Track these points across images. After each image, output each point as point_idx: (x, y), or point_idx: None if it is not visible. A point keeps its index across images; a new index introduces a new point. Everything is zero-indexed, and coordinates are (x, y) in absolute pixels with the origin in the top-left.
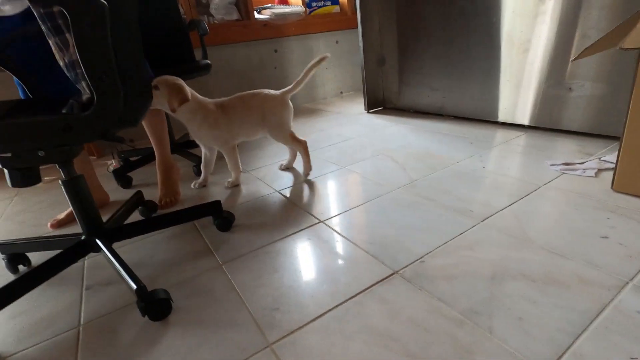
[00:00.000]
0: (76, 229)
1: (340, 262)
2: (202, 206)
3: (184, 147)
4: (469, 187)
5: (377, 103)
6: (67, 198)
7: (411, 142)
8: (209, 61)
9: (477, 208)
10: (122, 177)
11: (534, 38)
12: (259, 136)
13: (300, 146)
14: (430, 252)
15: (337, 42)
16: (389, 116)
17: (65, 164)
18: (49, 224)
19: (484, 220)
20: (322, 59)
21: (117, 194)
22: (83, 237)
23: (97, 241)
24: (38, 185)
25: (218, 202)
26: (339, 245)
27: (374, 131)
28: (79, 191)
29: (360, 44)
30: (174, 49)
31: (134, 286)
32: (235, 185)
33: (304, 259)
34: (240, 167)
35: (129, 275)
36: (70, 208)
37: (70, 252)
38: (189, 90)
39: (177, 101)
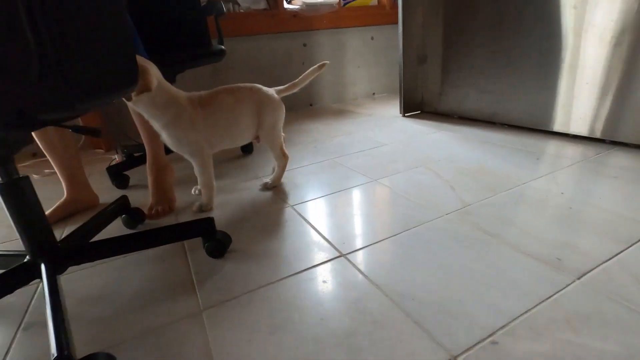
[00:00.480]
0: None
1: (368, 328)
2: (188, 225)
3: None
4: (546, 220)
5: (415, 106)
6: (5, 207)
7: (458, 153)
8: (223, 47)
9: (567, 255)
10: (118, 175)
11: (628, 27)
12: (245, 142)
13: (284, 159)
14: (505, 325)
15: (372, 38)
16: (429, 121)
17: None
18: None
19: (581, 276)
20: (321, 66)
21: (114, 194)
22: (27, 259)
23: (43, 266)
24: (36, 177)
25: (210, 221)
26: (367, 298)
27: (411, 138)
28: (22, 198)
29: (400, 38)
30: (186, 32)
31: (54, 353)
32: (207, 210)
33: (315, 316)
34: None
35: (54, 331)
36: (51, 209)
37: (8, 277)
38: (156, 78)
39: (140, 86)
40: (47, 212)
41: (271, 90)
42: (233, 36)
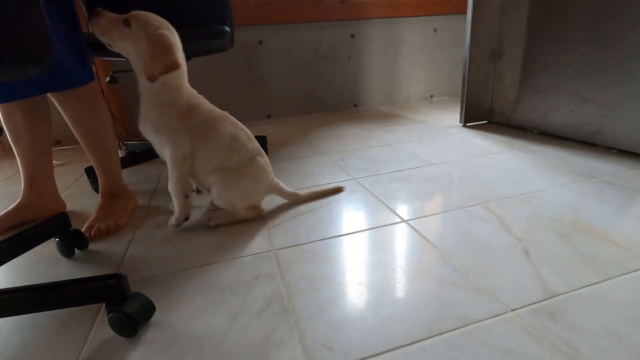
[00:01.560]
0: None
1: None
2: (82, 284)
3: None
4: None
5: (481, 114)
6: None
7: (539, 188)
8: (227, 28)
9: None
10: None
11: None
12: (202, 180)
13: (253, 214)
14: None
15: (434, 30)
16: (497, 135)
17: None
18: None
19: None
20: (337, 190)
21: (93, 201)
22: None
23: None
24: None
25: (118, 280)
26: None
27: (470, 157)
28: None
29: (468, 28)
30: (195, 8)
31: None
32: (179, 225)
33: None
34: (192, 197)
35: None
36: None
37: None
38: (180, 54)
39: (162, 64)
40: None
41: (272, 178)
42: (270, 23)
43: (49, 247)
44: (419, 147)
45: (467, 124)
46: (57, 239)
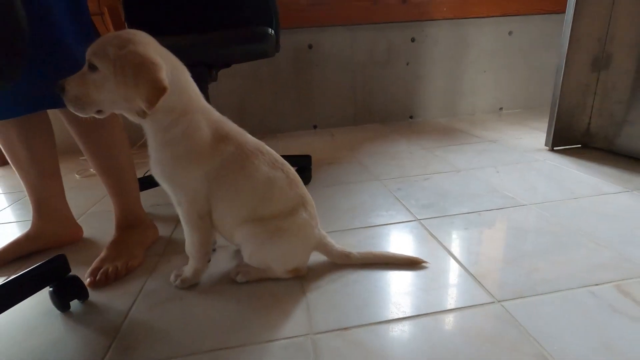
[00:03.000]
0: None
1: None
2: None
3: None
4: None
5: (573, 137)
6: None
7: None
8: (270, 30)
9: None
10: None
11: None
12: (226, 233)
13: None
14: None
15: (509, 33)
16: (601, 166)
17: None
18: None
19: None
20: (413, 263)
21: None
22: None
23: None
24: (77, 177)
25: None
26: None
27: (573, 199)
28: None
29: (567, 27)
30: (238, 4)
31: None
32: (187, 285)
33: None
34: (210, 254)
35: None
36: (4, 245)
37: None
38: (164, 68)
39: (143, 89)
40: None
41: (318, 233)
42: (322, 25)
43: (44, 295)
44: (497, 177)
45: (556, 148)
46: (51, 289)
